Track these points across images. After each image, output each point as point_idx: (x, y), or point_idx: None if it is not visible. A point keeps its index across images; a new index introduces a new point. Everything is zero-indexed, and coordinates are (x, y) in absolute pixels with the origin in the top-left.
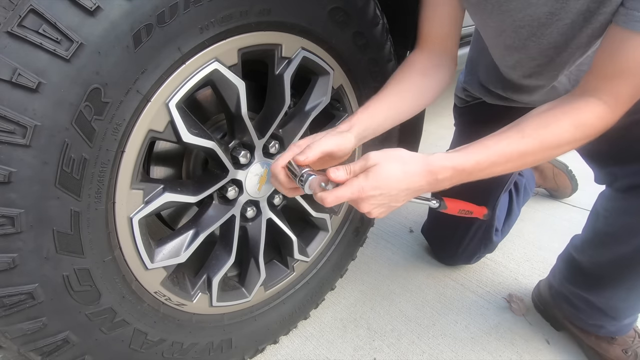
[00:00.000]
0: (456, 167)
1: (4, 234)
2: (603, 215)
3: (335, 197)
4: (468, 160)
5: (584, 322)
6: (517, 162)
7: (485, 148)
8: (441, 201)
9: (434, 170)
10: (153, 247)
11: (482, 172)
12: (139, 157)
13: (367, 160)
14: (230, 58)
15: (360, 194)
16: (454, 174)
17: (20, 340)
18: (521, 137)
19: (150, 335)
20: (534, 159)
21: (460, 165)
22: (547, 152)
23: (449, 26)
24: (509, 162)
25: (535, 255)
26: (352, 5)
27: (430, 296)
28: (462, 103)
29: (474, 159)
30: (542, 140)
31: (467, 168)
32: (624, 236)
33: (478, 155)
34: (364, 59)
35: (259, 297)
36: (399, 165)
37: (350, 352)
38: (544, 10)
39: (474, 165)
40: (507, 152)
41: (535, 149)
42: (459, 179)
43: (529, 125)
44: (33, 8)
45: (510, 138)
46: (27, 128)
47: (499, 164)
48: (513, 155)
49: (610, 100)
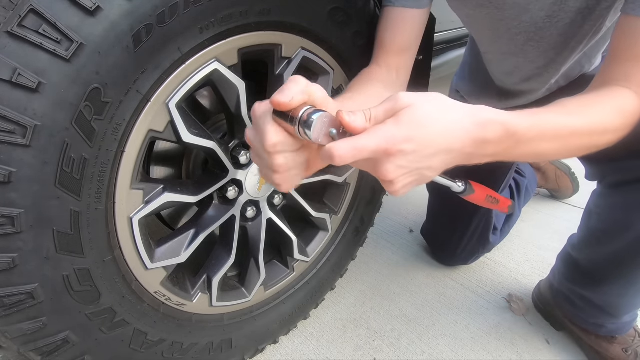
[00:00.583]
0: (508, 125)
1: (4, 234)
2: (595, 212)
3: (352, 147)
4: (521, 122)
5: (584, 321)
6: (563, 141)
7: (535, 115)
8: (467, 184)
9: (484, 124)
10: (153, 247)
11: (530, 143)
12: (139, 157)
13: (395, 101)
14: (230, 58)
15: (388, 144)
16: (503, 136)
17: (20, 340)
18: (567, 113)
19: (150, 335)
20: (580, 143)
21: (513, 125)
22: (593, 137)
23: (411, 39)
24: (557, 137)
25: (535, 255)
26: (352, 5)
27: (430, 296)
28: None
29: (527, 121)
30: (588, 122)
31: (519, 131)
32: (616, 232)
33: (531, 119)
34: (365, 59)
35: (259, 297)
36: (440, 111)
37: (350, 352)
38: (541, 15)
39: (526, 129)
40: (557, 125)
41: (584, 129)
42: (505, 148)
43: (571, 104)
44: (33, 8)
45: (557, 112)
46: (27, 128)
47: (547, 138)
48: (562, 130)
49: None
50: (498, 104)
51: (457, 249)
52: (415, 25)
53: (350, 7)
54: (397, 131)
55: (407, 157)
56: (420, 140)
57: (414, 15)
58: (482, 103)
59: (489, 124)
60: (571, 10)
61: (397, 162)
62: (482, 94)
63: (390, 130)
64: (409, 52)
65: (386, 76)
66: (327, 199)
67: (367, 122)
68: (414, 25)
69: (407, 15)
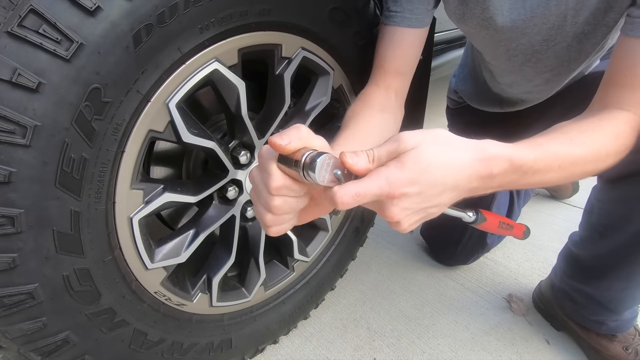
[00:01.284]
0: (514, 160)
1: (4, 234)
2: (597, 207)
3: (354, 194)
4: (527, 155)
5: (585, 318)
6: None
7: (540, 146)
8: (478, 214)
9: (490, 160)
10: (153, 247)
11: (536, 175)
12: (139, 157)
13: (399, 142)
14: (230, 58)
15: (391, 189)
16: (509, 170)
17: (20, 340)
18: (570, 140)
19: (150, 335)
20: (583, 170)
21: (519, 159)
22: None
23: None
24: (561, 167)
25: (535, 255)
26: (352, 5)
27: (430, 296)
28: (454, 104)
29: (533, 154)
30: (592, 148)
31: (525, 164)
32: (618, 225)
33: (536, 151)
34: (365, 59)
35: (259, 297)
36: (444, 151)
37: (350, 352)
38: (538, 38)
39: (532, 162)
40: (561, 155)
41: (587, 157)
42: (510, 180)
43: (573, 131)
44: (33, 8)
45: (559, 139)
46: (27, 128)
47: (552, 169)
48: (566, 160)
49: (639, 110)
50: (498, 108)
51: (456, 249)
52: (416, 44)
53: (350, 7)
54: (400, 175)
55: (412, 199)
56: (424, 183)
57: (416, 34)
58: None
59: (495, 159)
60: (568, 34)
61: (401, 205)
62: (483, 98)
63: (393, 174)
64: (407, 74)
65: (384, 99)
66: None
67: (370, 164)
68: (415, 45)
69: (408, 35)
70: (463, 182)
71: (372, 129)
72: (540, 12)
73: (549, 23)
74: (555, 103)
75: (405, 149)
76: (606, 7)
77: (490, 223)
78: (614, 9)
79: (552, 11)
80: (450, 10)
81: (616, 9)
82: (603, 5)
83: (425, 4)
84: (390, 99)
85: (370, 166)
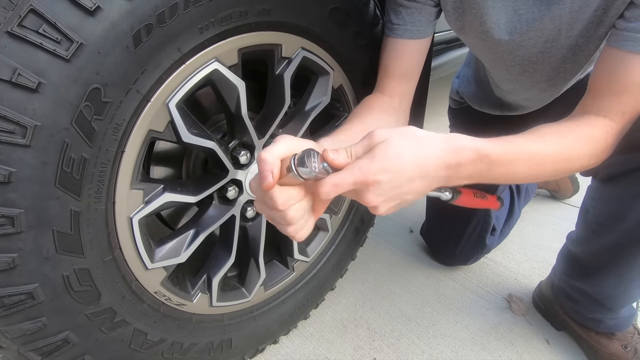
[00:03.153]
0: (481, 150)
1: (4, 234)
2: (591, 206)
3: (332, 184)
4: (494, 148)
5: (584, 316)
6: (538, 167)
7: (509, 142)
8: (454, 191)
9: (456, 150)
10: (153, 247)
11: (504, 167)
12: (139, 157)
13: (371, 138)
14: (230, 58)
15: (365, 177)
16: (477, 160)
17: (20, 340)
18: (543, 140)
19: (150, 335)
20: (553, 168)
21: (486, 150)
22: (566, 164)
23: (415, 65)
24: (530, 162)
25: (535, 255)
26: (352, 5)
27: (430, 296)
28: (456, 105)
29: (500, 147)
30: (563, 148)
31: (492, 155)
32: (611, 223)
33: (504, 145)
34: (364, 59)
35: (259, 297)
36: (412, 143)
37: (350, 352)
38: (534, 50)
39: (499, 154)
40: (531, 150)
41: (558, 156)
42: (479, 170)
43: (548, 132)
44: (33, 8)
45: (532, 139)
46: (27, 128)
47: (521, 161)
48: (536, 156)
49: (617, 117)
50: (499, 111)
51: (456, 250)
52: (419, 52)
53: (350, 7)
54: (371, 165)
55: (384, 186)
56: (394, 171)
57: (419, 44)
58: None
59: (462, 149)
60: (563, 47)
61: (376, 191)
62: (484, 101)
63: (365, 164)
64: (412, 78)
65: (388, 104)
66: None
67: (349, 158)
68: (418, 53)
69: (411, 45)
70: (431, 170)
71: (370, 124)
72: (536, 26)
73: (544, 36)
74: (555, 103)
75: (376, 142)
76: (598, 21)
77: (466, 196)
78: (605, 23)
79: (547, 25)
80: (451, 22)
81: (607, 23)
82: (595, 19)
83: (426, 15)
84: (394, 103)
85: (349, 161)
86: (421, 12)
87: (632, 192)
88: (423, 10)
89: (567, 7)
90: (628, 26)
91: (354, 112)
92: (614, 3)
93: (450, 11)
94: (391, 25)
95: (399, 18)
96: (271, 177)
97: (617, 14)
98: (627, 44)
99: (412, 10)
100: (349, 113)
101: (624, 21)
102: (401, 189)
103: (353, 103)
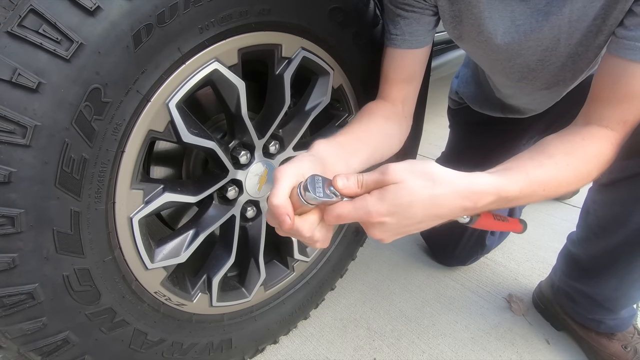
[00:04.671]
0: (501, 193)
1: (4, 234)
2: (593, 208)
3: (336, 215)
4: (513, 187)
5: (584, 317)
6: (553, 191)
7: (526, 174)
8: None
9: (475, 197)
10: (153, 247)
11: (522, 200)
12: (139, 157)
13: (384, 174)
14: (230, 58)
15: (370, 217)
16: (494, 201)
17: (20, 340)
18: (554, 162)
19: (150, 335)
20: (566, 189)
21: (505, 191)
22: (577, 183)
23: (415, 73)
24: (545, 190)
25: (535, 255)
26: (352, 5)
27: (430, 296)
28: (455, 105)
29: (518, 185)
30: (575, 169)
31: (510, 195)
32: (613, 226)
33: (521, 181)
34: (365, 59)
35: (259, 297)
36: (426, 187)
37: (350, 352)
38: (533, 59)
39: (518, 192)
40: (545, 179)
41: (570, 178)
42: (497, 206)
43: (557, 152)
44: (33, 8)
45: (544, 163)
46: (27, 128)
47: (537, 194)
48: (551, 182)
49: (618, 126)
50: (500, 113)
51: (456, 250)
52: (419, 60)
53: (350, 7)
54: (380, 206)
55: (389, 226)
56: (402, 215)
57: (419, 52)
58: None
59: (482, 195)
60: (562, 55)
61: (381, 229)
62: (485, 102)
63: (373, 205)
64: (414, 83)
65: (390, 110)
66: None
67: (359, 188)
68: (418, 61)
69: (411, 54)
70: (445, 214)
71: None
72: (534, 36)
73: (543, 45)
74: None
75: (389, 182)
76: (597, 30)
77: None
78: (603, 32)
79: (546, 34)
80: (449, 30)
81: (606, 32)
82: (594, 28)
83: (424, 25)
84: (396, 109)
85: (358, 191)
86: (419, 22)
87: (634, 196)
88: (421, 20)
89: (566, 17)
90: (628, 34)
91: (355, 117)
92: (612, 12)
93: (448, 20)
94: (389, 35)
95: (397, 28)
96: (288, 219)
97: (616, 23)
98: (628, 52)
99: (410, 21)
100: (349, 113)
101: (624, 29)
102: (409, 227)
103: (353, 103)
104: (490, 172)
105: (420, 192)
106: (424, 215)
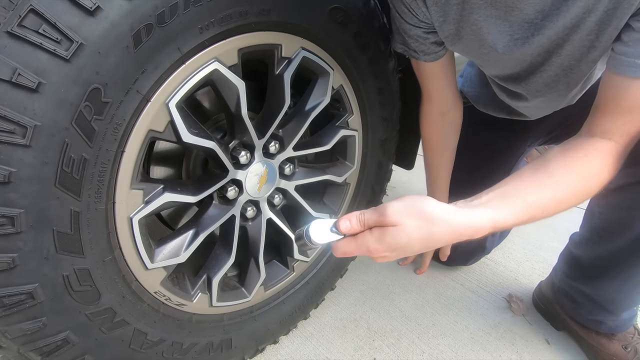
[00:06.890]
0: (497, 225)
1: (4, 234)
2: (598, 211)
3: (342, 252)
4: (509, 217)
5: (584, 317)
6: (551, 211)
7: (523, 200)
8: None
9: (471, 232)
10: (153, 247)
11: (518, 224)
12: (139, 157)
13: (384, 216)
14: (230, 58)
15: (371, 254)
16: (492, 231)
17: (20, 340)
18: (553, 182)
19: (150, 335)
20: (567, 207)
21: (502, 222)
22: (578, 199)
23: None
24: (544, 212)
25: (535, 255)
26: (352, 5)
27: (430, 296)
28: None
29: (514, 215)
30: (575, 187)
31: (507, 224)
32: (618, 230)
33: (518, 209)
34: (364, 59)
35: (259, 297)
36: (423, 228)
37: (350, 352)
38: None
39: (514, 221)
40: (543, 202)
41: (570, 197)
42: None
43: (558, 171)
44: (33, 8)
45: (543, 184)
46: (27, 128)
47: (535, 217)
48: (549, 206)
49: (621, 138)
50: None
51: (455, 250)
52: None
53: (350, 7)
54: (379, 246)
55: (390, 258)
56: (401, 251)
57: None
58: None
59: (477, 230)
60: (554, 64)
61: (382, 259)
62: (491, 104)
63: (373, 245)
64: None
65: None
66: (327, 199)
67: (361, 227)
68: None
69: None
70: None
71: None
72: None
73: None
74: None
75: (388, 223)
76: (590, 45)
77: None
78: (597, 47)
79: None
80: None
81: (600, 48)
82: (587, 43)
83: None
84: (445, 100)
85: (361, 228)
86: (425, 43)
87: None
88: (427, 41)
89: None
90: (627, 51)
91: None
92: (606, 28)
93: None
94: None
95: (410, 47)
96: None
97: (611, 39)
98: (628, 70)
99: (418, 42)
100: (349, 113)
101: (622, 45)
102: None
103: (353, 103)
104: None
105: (418, 233)
106: (422, 248)
